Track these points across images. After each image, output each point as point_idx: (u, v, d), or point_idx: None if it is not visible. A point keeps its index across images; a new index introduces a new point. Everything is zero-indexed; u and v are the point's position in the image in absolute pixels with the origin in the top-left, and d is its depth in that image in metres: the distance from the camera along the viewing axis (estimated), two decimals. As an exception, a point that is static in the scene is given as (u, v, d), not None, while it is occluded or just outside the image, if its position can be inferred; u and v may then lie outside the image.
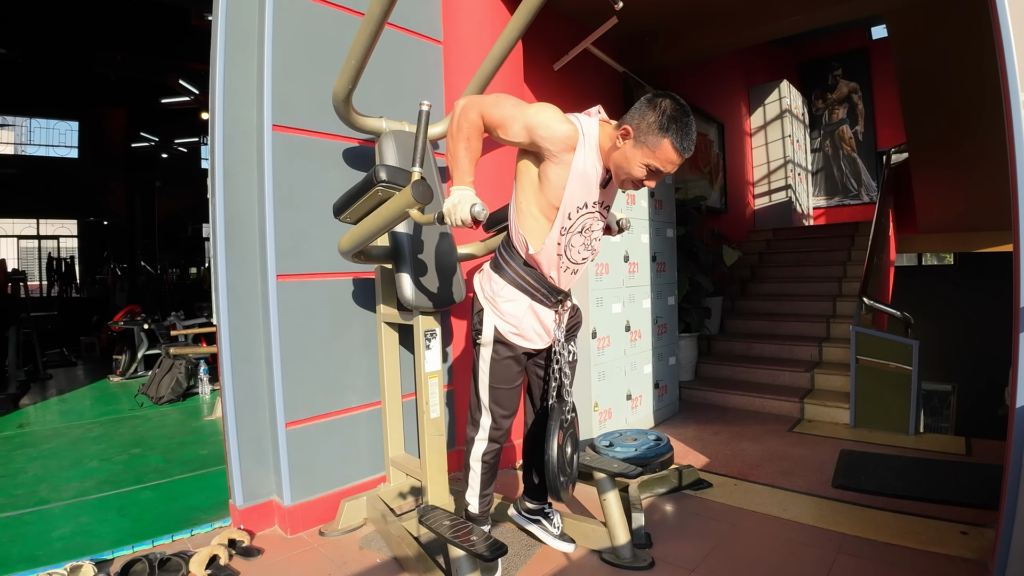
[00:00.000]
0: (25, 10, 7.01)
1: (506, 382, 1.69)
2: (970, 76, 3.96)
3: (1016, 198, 1.42)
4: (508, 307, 1.64)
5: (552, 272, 1.61)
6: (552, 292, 1.65)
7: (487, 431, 1.72)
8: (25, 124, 11.38)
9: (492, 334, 1.65)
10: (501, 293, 1.64)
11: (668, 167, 1.45)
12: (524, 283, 1.63)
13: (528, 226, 1.58)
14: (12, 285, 5.85)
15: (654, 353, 3.38)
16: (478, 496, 1.77)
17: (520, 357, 1.69)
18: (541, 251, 1.57)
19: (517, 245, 1.63)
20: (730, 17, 4.01)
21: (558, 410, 1.68)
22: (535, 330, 1.66)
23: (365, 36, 1.64)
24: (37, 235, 11.87)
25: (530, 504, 1.97)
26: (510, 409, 1.73)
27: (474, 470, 1.76)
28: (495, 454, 1.76)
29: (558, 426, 1.64)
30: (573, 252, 1.61)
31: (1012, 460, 1.42)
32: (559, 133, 1.45)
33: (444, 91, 2.67)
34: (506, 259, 1.65)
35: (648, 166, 1.44)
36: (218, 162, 2.07)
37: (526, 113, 1.46)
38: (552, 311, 1.68)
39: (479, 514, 1.80)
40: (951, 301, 6.74)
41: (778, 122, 7.12)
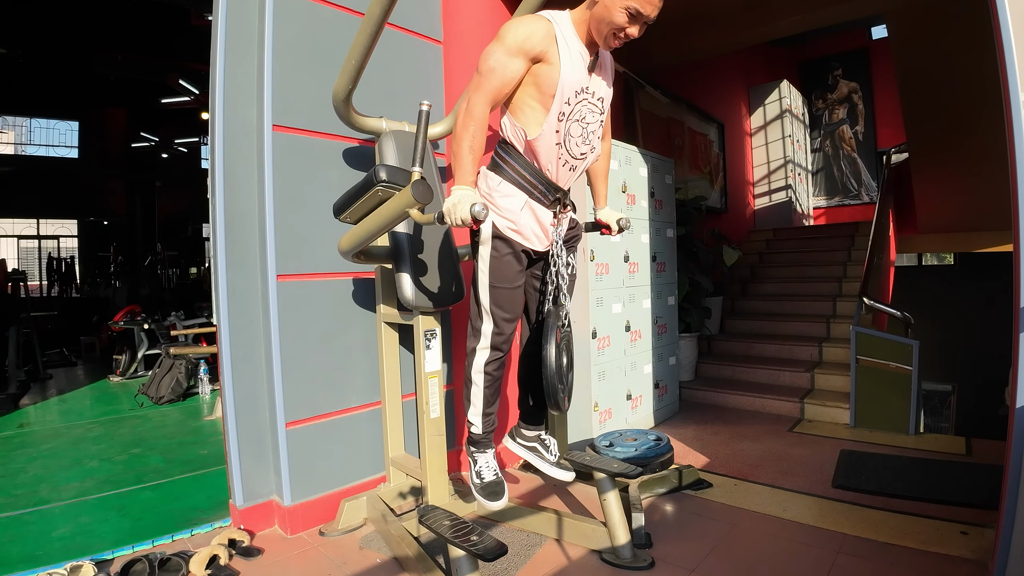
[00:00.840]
0: (25, 10, 7.01)
1: (506, 281, 1.64)
2: (970, 76, 3.97)
3: (1016, 198, 1.42)
4: (505, 202, 1.61)
5: (550, 164, 1.59)
6: (550, 189, 1.63)
7: (489, 337, 1.68)
8: (25, 124, 11.38)
9: (490, 230, 1.62)
10: (498, 188, 1.63)
11: (648, 8, 1.43)
12: (521, 179, 1.61)
13: (525, 115, 1.56)
14: (12, 285, 5.85)
15: (654, 353, 3.38)
16: (481, 415, 1.74)
17: (519, 255, 1.65)
18: (539, 137, 1.55)
19: (514, 138, 1.61)
20: (730, 17, 4.02)
21: (554, 313, 1.65)
22: (532, 229, 1.64)
23: (365, 36, 1.64)
24: (37, 235, 11.87)
25: (526, 431, 1.93)
26: (512, 312, 1.68)
27: (476, 383, 1.72)
28: (498, 364, 1.71)
29: (555, 329, 1.61)
30: (572, 143, 1.59)
31: (1012, 460, 1.42)
32: (537, 30, 1.48)
33: (444, 91, 2.67)
34: (503, 156, 1.64)
35: (628, 9, 1.42)
36: (218, 162, 2.07)
37: (504, 46, 1.48)
38: (550, 212, 1.66)
39: (483, 434, 1.76)
40: (951, 301, 6.74)
41: (778, 122, 7.12)
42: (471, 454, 1.81)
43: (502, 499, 1.71)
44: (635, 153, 3.20)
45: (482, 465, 1.78)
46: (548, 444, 1.92)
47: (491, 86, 1.49)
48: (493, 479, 1.73)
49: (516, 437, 1.96)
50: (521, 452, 1.93)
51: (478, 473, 1.77)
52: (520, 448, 1.94)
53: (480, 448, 1.80)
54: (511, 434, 1.98)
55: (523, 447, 1.93)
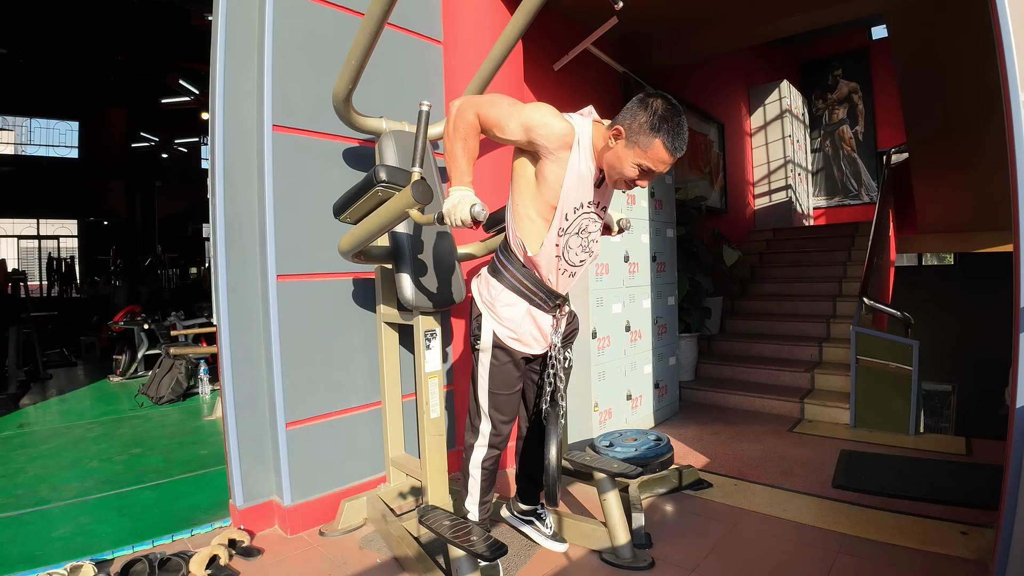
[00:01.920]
0: (25, 10, 7.01)
1: (505, 388, 1.68)
2: (970, 76, 3.97)
3: (1016, 198, 1.42)
4: (506, 312, 1.63)
5: (550, 275, 1.61)
6: (550, 296, 1.65)
7: (487, 437, 1.72)
8: (25, 124, 11.38)
9: (491, 339, 1.65)
10: (499, 298, 1.64)
11: (660, 167, 1.45)
12: (522, 287, 1.62)
13: (525, 228, 1.58)
14: (12, 285, 5.85)
15: (654, 353, 3.38)
16: (478, 504, 1.76)
17: (519, 362, 1.69)
18: (539, 253, 1.57)
19: (515, 248, 1.62)
20: (730, 17, 4.02)
21: (554, 415, 1.68)
22: (533, 335, 1.66)
23: (365, 36, 1.64)
24: (37, 235, 11.88)
25: (523, 506, 1.99)
26: (509, 415, 1.72)
27: (474, 477, 1.75)
28: (494, 460, 1.76)
29: (556, 432, 1.65)
30: (571, 254, 1.61)
31: (1012, 460, 1.42)
32: (556, 131, 1.45)
33: (444, 91, 2.67)
34: (504, 263, 1.65)
35: (640, 166, 1.44)
36: (218, 162, 2.07)
37: (522, 112, 1.46)
38: (550, 316, 1.68)
39: (479, 522, 1.79)
40: (951, 301, 6.74)
41: (778, 122, 7.12)
42: None
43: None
44: (635, 153, 3.20)
45: None
46: (544, 517, 1.98)
47: (488, 116, 1.46)
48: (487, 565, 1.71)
49: (513, 511, 2.03)
50: (518, 524, 2.02)
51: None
52: (517, 521, 2.02)
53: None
54: (508, 507, 2.05)
55: (520, 519, 2.01)
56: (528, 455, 1.91)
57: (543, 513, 1.97)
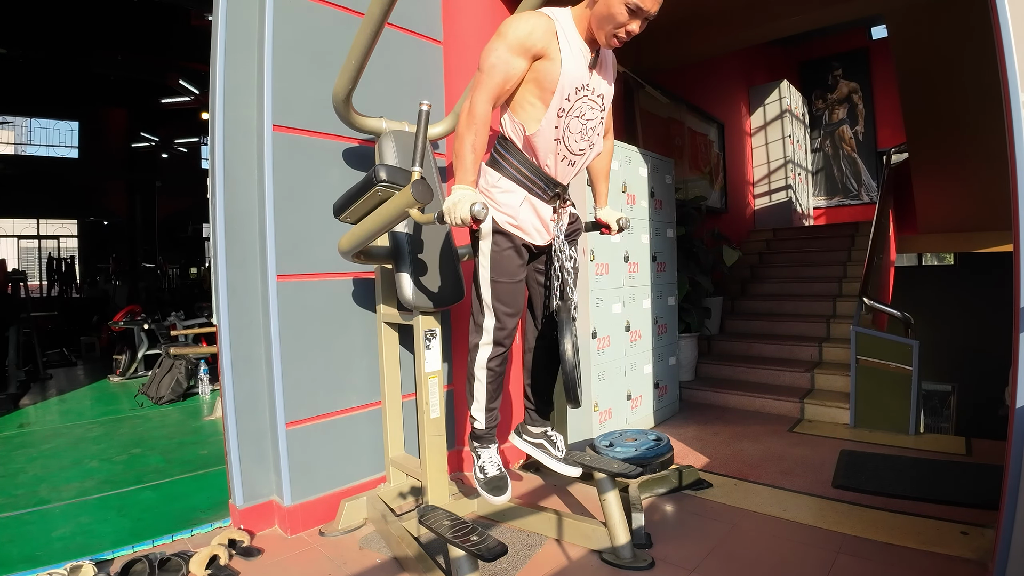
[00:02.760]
0: (25, 10, 7.01)
1: (508, 275, 1.64)
2: (970, 76, 3.97)
3: (1016, 198, 1.42)
4: (504, 197, 1.62)
5: (548, 160, 1.59)
6: (549, 184, 1.63)
7: (491, 333, 1.67)
8: (25, 124, 11.38)
9: (490, 225, 1.62)
10: (497, 184, 1.63)
11: (648, 2, 1.42)
12: (519, 175, 1.61)
13: (525, 112, 1.56)
14: (12, 285, 5.85)
15: (654, 353, 3.38)
16: (484, 410, 1.73)
17: (520, 249, 1.65)
18: (538, 133, 1.55)
19: (512, 134, 1.61)
20: (730, 17, 4.02)
21: (565, 308, 1.64)
22: (533, 224, 1.64)
23: (365, 36, 1.64)
24: (37, 235, 11.88)
25: (533, 428, 1.93)
26: (514, 306, 1.67)
27: (479, 379, 1.71)
28: (501, 359, 1.71)
29: (569, 323, 1.61)
30: (571, 139, 1.59)
31: (1012, 460, 1.42)
32: (539, 26, 1.48)
33: (444, 91, 2.67)
34: (501, 153, 1.64)
35: (628, 4, 1.41)
36: (218, 162, 2.07)
37: (504, 44, 1.48)
38: (550, 207, 1.66)
39: (486, 430, 1.76)
40: (951, 301, 6.73)
41: (778, 122, 7.12)
42: (474, 449, 1.81)
43: (506, 493, 1.71)
44: (635, 153, 3.20)
45: (485, 460, 1.78)
46: (555, 440, 1.92)
47: (493, 83, 1.49)
48: (496, 474, 1.74)
49: (522, 434, 1.96)
50: (528, 449, 1.93)
51: (481, 468, 1.77)
52: (527, 445, 1.93)
53: (483, 443, 1.80)
54: (517, 431, 1.98)
55: (530, 444, 1.93)
56: (537, 367, 1.86)
57: (553, 435, 1.92)
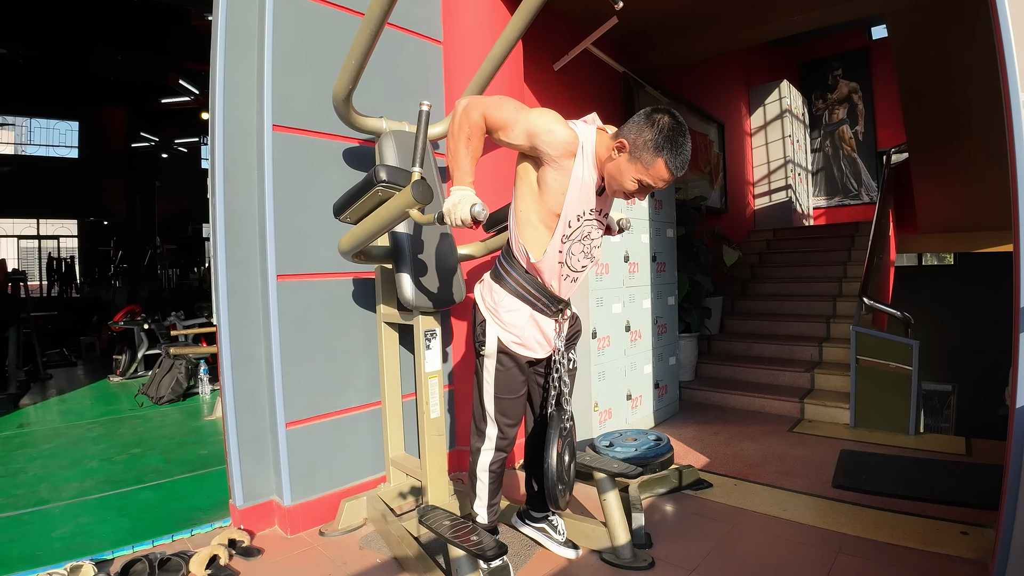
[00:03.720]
0: (25, 10, 7.01)
1: (511, 392, 1.69)
2: (970, 76, 3.97)
3: (1016, 198, 1.42)
4: (510, 317, 1.64)
5: (553, 281, 1.61)
6: (553, 301, 1.65)
7: (493, 441, 1.73)
8: (25, 124, 11.38)
9: (496, 345, 1.65)
10: (503, 303, 1.64)
11: (659, 184, 1.46)
12: (525, 292, 1.63)
13: (528, 235, 1.58)
14: (12, 285, 5.85)
15: (654, 353, 3.38)
16: (486, 507, 1.77)
17: (523, 366, 1.69)
18: (542, 260, 1.57)
19: (517, 255, 1.62)
20: (730, 17, 4.01)
21: (557, 419, 1.68)
22: (536, 339, 1.67)
23: (365, 36, 1.64)
24: (37, 235, 11.87)
25: (534, 512, 1.98)
26: (515, 418, 1.73)
27: (481, 480, 1.76)
28: (501, 463, 1.76)
29: (557, 435, 1.65)
30: (574, 260, 1.61)
31: (1012, 460, 1.42)
32: (560, 138, 1.45)
33: (444, 91, 2.67)
34: (507, 269, 1.65)
35: (640, 181, 1.45)
36: (218, 162, 2.07)
37: (528, 117, 1.46)
38: (553, 320, 1.68)
39: (488, 525, 1.79)
40: (951, 301, 6.74)
41: (778, 122, 7.12)
42: None
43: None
44: (635, 153, 3.20)
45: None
46: (556, 524, 1.96)
47: (494, 118, 1.46)
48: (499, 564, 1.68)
49: (525, 519, 2.01)
50: (530, 533, 1.99)
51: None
52: (529, 529, 2.00)
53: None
54: (519, 515, 2.03)
55: (532, 527, 1.99)
56: (536, 460, 1.90)
57: (554, 519, 1.96)
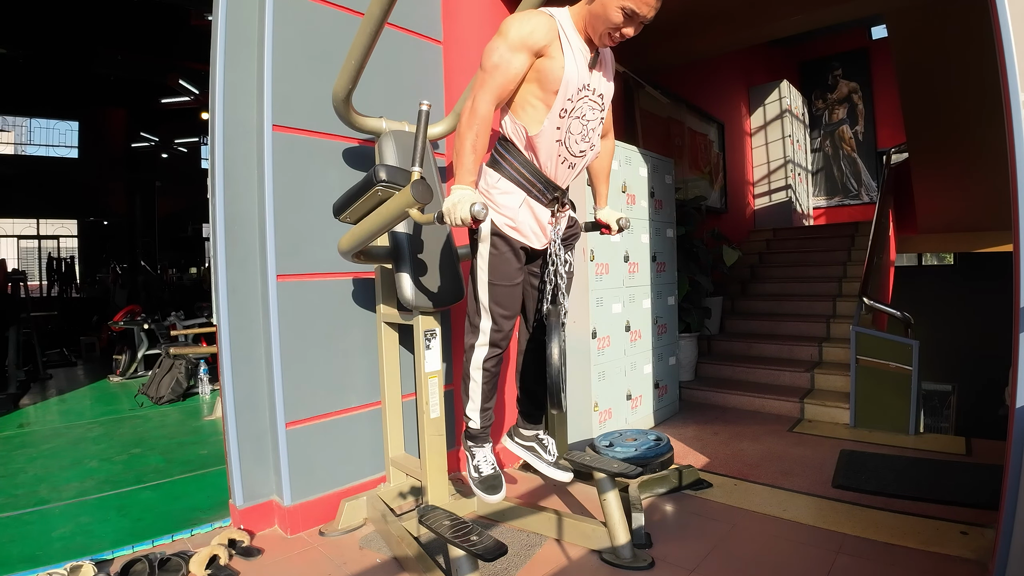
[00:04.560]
0: (25, 10, 7.01)
1: (505, 278, 1.65)
2: (970, 76, 3.96)
3: (1016, 198, 1.42)
4: (503, 199, 1.62)
5: (550, 162, 1.60)
6: (548, 187, 1.63)
7: (487, 334, 1.68)
8: (25, 124, 11.38)
9: (489, 227, 1.62)
10: (496, 185, 1.63)
11: (644, 8, 1.43)
12: (520, 176, 1.61)
13: (527, 113, 1.56)
14: (12, 285, 5.85)
15: (654, 353, 3.38)
16: (479, 410, 1.74)
17: (518, 252, 1.66)
18: (540, 134, 1.55)
19: (514, 135, 1.61)
20: (730, 17, 4.01)
21: (555, 312, 1.65)
22: (531, 227, 1.64)
23: (365, 36, 1.64)
24: (37, 235, 11.88)
25: (525, 431, 1.93)
26: (511, 309, 1.68)
27: (475, 379, 1.72)
28: (496, 360, 1.72)
29: (558, 328, 1.61)
30: (572, 141, 1.59)
31: (1012, 460, 1.42)
32: (541, 24, 1.48)
33: (444, 91, 2.67)
34: (502, 154, 1.64)
35: (624, 8, 1.42)
36: (218, 162, 2.07)
37: (506, 43, 1.48)
38: (548, 210, 1.66)
39: (480, 429, 1.77)
40: (951, 301, 6.74)
41: (778, 122, 7.12)
42: (468, 449, 1.82)
43: (500, 492, 1.72)
44: (635, 153, 3.20)
45: (480, 460, 1.79)
46: (546, 444, 1.92)
47: (495, 83, 1.48)
48: (491, 473, 1.74)
49: (514, 437, 1.96)
50: (519, 452, 1.93)
51: (476, 467, 1.78)
52: (518, 448, 1.94)
53: (478, 443, 1.81)
54: (509, 434, 1.98)
55: (521, 447, 1.93)
56: (529, 371, 1.87)
57: (544, 439, 1.92)
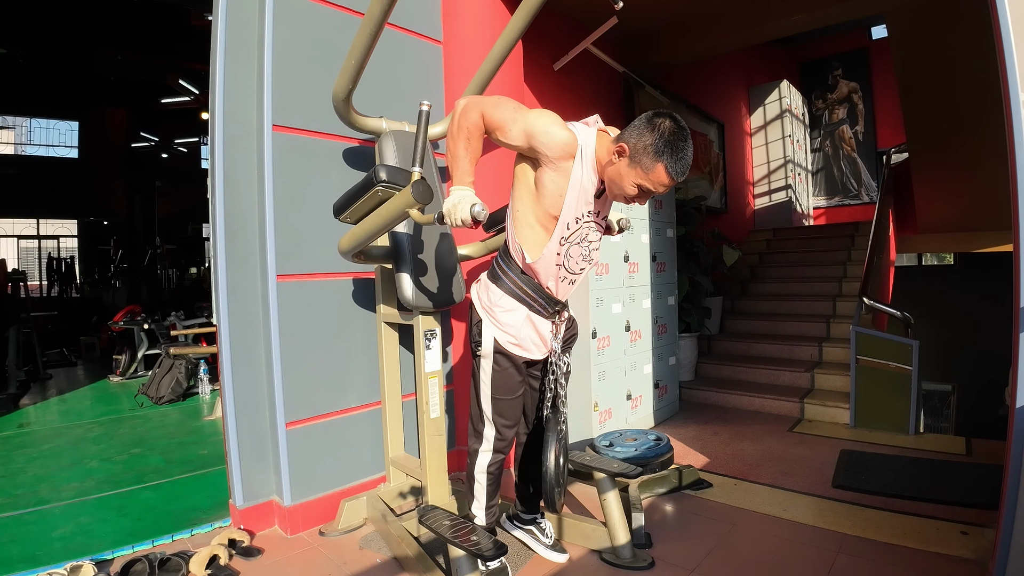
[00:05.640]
0: (25, 10, 7.01)
1: (508, 392, 1.68)
2: (970, 76, 3.97)
3: (1016, 198, 1.42)
4: (506, 317, 1.63)
5: (550, 282, 1.61)
6: (549, 302, 1.64)
7: (491, 442, 1.72)
8: (25, 124, 11.38)
9: (492, 345, 1.64)
10: (499, 303, 1.64)
11: (660, 189, 1.45)
12: (522, 293, 1.62)
13: (525, 236, 1.57)
14: (12, 285, 5.84)
15: (654, 353, 3.38)
16: (484, 508, 1.77)
17: (520, 367, 1.68)
18: (539, 261, 1.56)
19: (514, 255, 1.61)
20: (730, 17, 4.02)
21: (554, 421, 1.68)
22: (533, 340, 1.66)
23: (365, 36, 1.64)
24: (37, 235, 11.87)
25: (523, 515, 1.97)
26: (512, 419, 1.73)
27: (479, 482, 1.75)
28: (499, 465, 1.76)
29: (555, 437, 1.64)
30: (572, 263, 1.60)
31: (1012, 460, 1.42)
32: (558, 140, 1.44)
33: (444, 91, 2.67)
34: (503, 269, 1.64)
35: (640, 186, 1.45)
36: (218, 162, 2.07)
37: (527, 117, 1.45)
38: (549, 322, 1.68)
39: (486, 526, 1.79)
40: (951, 301, 6.74)
41: (778, 122, 7.12)
42: None
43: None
44: (635, 153, 3.20)
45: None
46: (544, 527, 1.95)
47: (492, 119, 1.45)
48: (497, 567, 1.70)
49: (514, 520, 2.02)
50: (518, 534, 2.00)
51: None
52: (518, 530, 2.00)
53: None
54: (509, 517, 2.04)
55: (521, 529, 1.99)
56: (528, 462, 1.90)
57: (543, 522, 1.96)
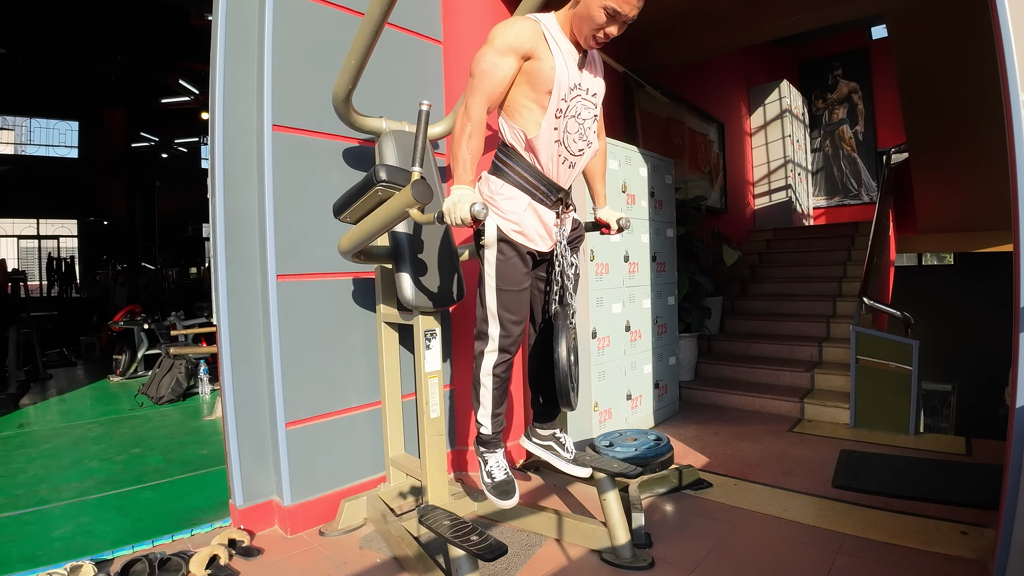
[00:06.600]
0: (25, 10, 7.01)
1: (513, 284, 1.66)
2: (970, 76, 3.96)
3: (1016, 198, 1.42)
4: (508, 204, 1.63)
5: (551, 164, 1.62)
6: (551, 189, 1.65)
7: (497, 340, 1.69)
8: (25, 124, 11.38)
9: (495, 233, 1.63)
10: (500, 191, 1.64)
11: (625, 7, 1.45)
12: (523, 180, 1.63)
13: (523, 116, 1.59)
14: (12, 285, 5.85)
15: (654, 353, 3.38)
16: (490, 416, 1.75)
17: (525, 257, 1.67)
18: (539, 136, 1.58)
19: (513, 140, 1.63)
20: (730, 17, 4.01)
21: (563, 314, 1.67)
22: (536, 230, 1.66)
23: (365, 36, 1.64)
24: (37, 235, 11.88)
25: (541, 431, 1.94)
26: (519, 314, 1.69)
27: (485, 385, 1.73)
28: (506, 366, 1.73)
29: (565, 330, 1.63)
30: (570, 140, 1.61)
31: (1012, 460, 1.42)
32: (525, 29, 1.51)
33: (444, 91, 2.67)
34: (503, 160, 1.66)
35: (606, 8, 1.45)
36: (218, 162, 2.07)
37: (493, 49, 1.52)
38: (553, 212, 1.68)
39: (492, 435, 1.77)
40: (951, 301, 6.74)
41: (778, 122, 7.12)
42: (481, 454, 1.82)
43: (513, 497, 1.72)
44: (635, 153, 3.20)
45: (492, 465, 1.79)
46: (564, 442, 1.93)
47: (485, 87, 1.52)
48: (504, 478, 1.75)
49: (532, 437, 1.97)
50: (538, 451, 1.95)
51: (489, 473, 1.78)
52: (536, 447, 1.95)
53: (490, 448, 1.81)
54: (527, 434, 1.99)
55: (539, 446, 1.95)
56: (540, 372, 1.87)
57: (562, 436, 1.93)
